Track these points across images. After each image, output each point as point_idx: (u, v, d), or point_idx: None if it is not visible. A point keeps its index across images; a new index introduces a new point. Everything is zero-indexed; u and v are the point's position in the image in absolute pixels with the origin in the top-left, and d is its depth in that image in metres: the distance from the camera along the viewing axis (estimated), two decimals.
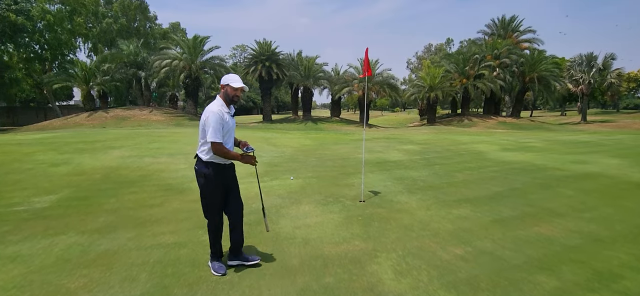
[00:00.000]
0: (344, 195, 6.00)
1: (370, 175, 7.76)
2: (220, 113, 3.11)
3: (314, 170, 8.21)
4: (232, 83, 3.17)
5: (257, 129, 22.88)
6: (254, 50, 34.35)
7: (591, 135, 19.05)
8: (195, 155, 3.26)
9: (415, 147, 12.54)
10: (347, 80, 33.69)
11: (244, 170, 6.82)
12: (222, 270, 3.28)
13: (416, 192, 6.27)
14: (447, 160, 9.77)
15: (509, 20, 38.87)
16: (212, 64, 31.24)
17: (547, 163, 8.88)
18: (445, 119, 35.18)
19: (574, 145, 12.81)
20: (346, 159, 9.85)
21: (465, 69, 33.20)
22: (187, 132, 16.64)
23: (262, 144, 12.29)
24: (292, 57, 36.03)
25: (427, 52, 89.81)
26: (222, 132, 3.09)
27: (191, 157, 9.16)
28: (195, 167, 3.27)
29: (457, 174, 7.77)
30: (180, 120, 26.71)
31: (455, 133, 21.39)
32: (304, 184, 6.82)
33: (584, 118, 44.21)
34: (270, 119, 34.96)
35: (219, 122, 3.06)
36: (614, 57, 44.00)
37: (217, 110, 3.10)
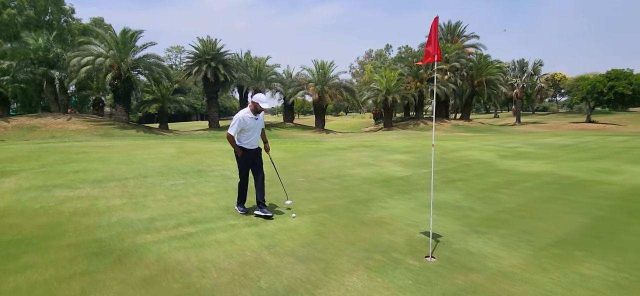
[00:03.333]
0: (393, 247, 3.90)
1: (392, 201, 5.79)
2: (243, 117, 4.71)
3: (314, 198, 5.98)
4: (261, 104, 4.79)
5: (208, 139, 19.72)
6: (197, 49, 30.69)
7: (559, 137, 19.35)
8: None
9: (405, 156, 10.89)
10: (301, 83, 31.64)
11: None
12: (244, 210, 5.06)
13: (485, 231, 4.40)
14: (460, 173, 8.19)
15: (455, 26, 40.12)
16: (147, 63, 26.90)
17: (577, 174, 7.70)
18: (401, 122, 34.88)
19: (564, 149, 12.21)
20: (342, 177, 7.76)
21: (419, 72, 33.16)
22: (120, 145, 13.16)
23: (225, 159, 9.66)
24: (240, 57, 33.01)
25: (368, 57, 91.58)
26: (236, 129, 4.70)
27: (134, 183, 6.38)
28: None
29: (498, 196, 6.12)
30: (109, 130, 22.35)
31: (424, 137, 20.47)
32: (316, 225, 4.58)
33: (518, 120, 47.49)
34: (218, 126, 31.47)
35: (238, 123, 4.68)
36: (542, 63, 47.96)
37: (241, 114, 4.75)
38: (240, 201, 5.09)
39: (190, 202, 5.60)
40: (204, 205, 5.45)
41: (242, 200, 5.09)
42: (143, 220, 4.68)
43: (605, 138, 18.02)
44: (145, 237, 4.11)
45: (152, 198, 5.71)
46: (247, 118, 4.70)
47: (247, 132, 4.78)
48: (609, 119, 47.58)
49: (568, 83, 62.01)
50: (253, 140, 4.89)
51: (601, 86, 41.83)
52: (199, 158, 9.61)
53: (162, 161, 9.07)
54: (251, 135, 4.83)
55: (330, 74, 31.51)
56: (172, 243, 3.95)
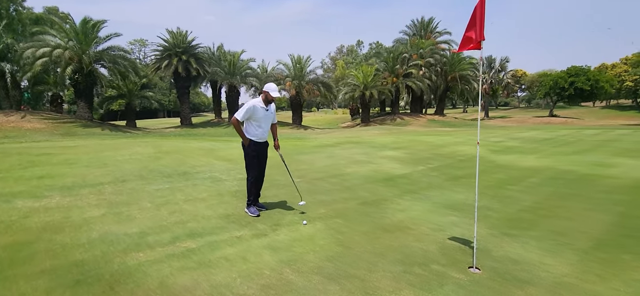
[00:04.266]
0: (429, 256, 3.49)
1: (404, 202, 5.41)
2: (254, 105, 4.49)
3: (319, 201, 5.48)
4: (271, 92, 4.52)
5: (185, 138, 18.62)
6: (166, 42, 29.01)
7: (536, 131, 19.90)
8: None
9: (396, 152, 10.61)
10: (278, 78, 30.81)
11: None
12: (256, 212, 4.62)
13: (516, 233, 4.10)
14: (460, 170, 7.97)
15: (428, 22, 40.71)
16: (112, 56, 25.00)
17: (576, 168, 7.70)
18: (378, 118, 34.96)
19: (546, 143, 12.44)
20: (341, 177, 7.30)
21: (395, 67, 33.30)
22: (87, 145, 11.97)
23: (210, 159, 8.92)
24: (212, 51, 31.62)
25: (339, 53, 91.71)
26: (244, 115, 4.46)
27: (112, 189, 5.56)
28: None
29: (511, 194, 5.91)
30: (70, 128, 20.58)
31: (406, 133, 20.45)
32: (333, 233, 4.09)
33: (487, 115, 49.24)
34: (191, 123, 30.04)
35: (248, 110, 4.45)
36: (508, 60, 50.01)
37: (253, 102, 4.50)
38: (251, 200, 4.73)
39: (182, 210, 4.92)
40: (199, 213, 4.80)
41: (253, 199, 4.74)
42: (131, 234, 3.99)
43: (578, 131, 18.78)
44: (137, 256, 3.45)
45: (137, 207, 4.97)
46: (258, 107, 4.50)
47: (256, 122, 4.57)
48: (567, 113, 50.47)
49: (528, 79, 65.14)
50: (261, 132, 4.66)
51: (562, 82, 44.12)
52: (180, 159, 8.80)
53: (140, 162, 8.19)
54: (260, 126, 4.61)
55: (307, 69, 30.91)
56: (172, 262, 3.32)
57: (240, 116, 4.45)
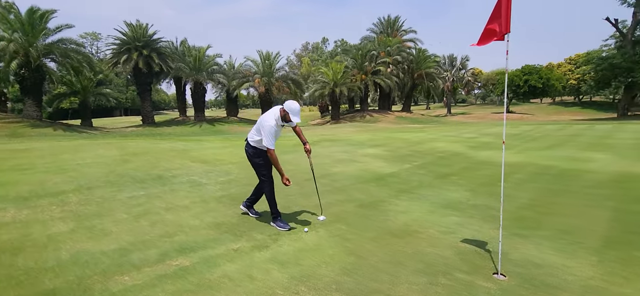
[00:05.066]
0: (449, 264, 3.29)
1: (402, 203, 5.23)
2: (275, 128, 3.97)
3: (315, 204, 5.14)
4: (291, 115, 3.93)
5: (148, 137, 17.47)
6: (125, 35, 27.10)
7: (501, 127, 20.70)
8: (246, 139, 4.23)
9: (377, 150, 10.51)
10: (246, 74, 29.89)
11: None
12: (287, 226, 4.11)
13: (525, 233, 4.02)
14: (445, 167, 7.97)
15: (394, 20, 41.38)
16: (63, 49, 22.90)
17: (555, 163, 7.95)
18: (348, 115, 35.05)
19: (515, 138, 12.91)
20: (329, 177, 7.01)
21: (364, 65, 33.52)
22: (41, 148, 10.75)
23: (184, 161, 8.28)
24: (176, 46, 30.04)
25: (304, 50, 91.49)
26: (274, 139, 3.97)
27: (77, 199, 4.85)
28: (245, 148, 4.24)
29: (501, 190, 5.90)
30: (17, 129, 18.61)
31: (379, 130, 20.56)
32: (340, 241, 3.79)
33: (449, 111, 51.11)
34: (154, 122, 28.36)
35: (274, 135, 3.96)
36: (468, 58, 52.10)
37: (273, 125, 3.93)
38: (275, 213, 4.21)
39: (164, 220, 4.40)
40: (185, 223, 4.31)
41: (276, 212, 4.21)
42: (109, 252, 3.45)
43: (540, 126, 19.82)
44: (122, 280, 2.95)
45: (111, 219, 4.38)
46: (276, 125, 3.99)
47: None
48: (520, 109, 53.55)
49: (484, 78, 68.53)
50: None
51: (518, 80, 46.75)
52: (151, 161, 8.08)
53: (106, 166, 7.41)
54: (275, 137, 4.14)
55: (276, 66, 30.26)
56: (166, 286, 2.87)
57: (272, 143, 3.93)
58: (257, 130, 4.06)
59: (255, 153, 4.14)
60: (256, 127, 4.10)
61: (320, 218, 4.53)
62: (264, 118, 4.00)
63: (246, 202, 4.56)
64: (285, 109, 3.97)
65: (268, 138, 3.90)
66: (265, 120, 3.95)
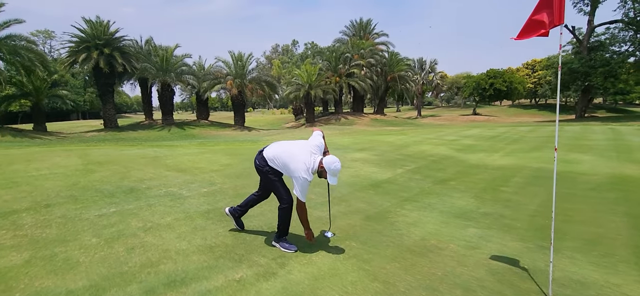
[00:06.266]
0: (489, 287, 2.89)
1: (410, 213, 4.83)
2: (308, 181, 3.34)
3: (318, 218, 4.64)
4: (329, 176, 3.37)
5: (112, 143, 16.14)
6: (83, 32, 25.12)
7: (477, 129, 21.09)
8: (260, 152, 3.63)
9: (364, 154, 10.15)
10: (217, 76, 28.72)
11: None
12: (294, 247, 3.56)
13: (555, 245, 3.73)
14: (440, 172, 7.71)
15: (366, 23, 41.63)
16: (11, 46, 20.73)
17: (547, 166, 7.90)
18: (322, 118, 34.70)
19: (495, 140, 13.05)
20: (323, 184, 6.47)
21: (338, 67, 33.35)
22: None
23: (158, 170, 7.44)
24: (140, 45, 28.32)
25: (274, 52, 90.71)
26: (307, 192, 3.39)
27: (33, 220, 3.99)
28: (257, 162, 3.62)
29: (508, 196, 5.69)
30: None
31: (358, 133, 20.31)
32: (359, 264, 3.31)
33: (420, 113, 52.24)
34: (117, 125, 26.49)
35: (307, 187, 3.36)
36: (437, 62, 53.59)
37: (308, 178, 3.32)
38: (284, 233, 3.66)
39: (144, 244, 3.70)
40: (171, 247, 3.64)
41: (286, 232, 3.67)
42: (78, 292, 2.75)
43: (513, 128, 20.41)
44: None
45: (77, 245, 3.62)
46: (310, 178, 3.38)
47: None
48: (485, 111, 55.82)
49: (449, 81, 70.93)
50: None
51: (484, 83, 48.60)
52: (120, 171, 7.19)
53: (66, 178, 6.45)
54: None
55: (249, 67, 29.35)
56: None
57: (304, 196, 3.38)
58: (283, 165, 3.44)
59: (272, 171, 3.56)
60: (283, 161, 3.43)
61: (328, 234, 4.03)
62: (297, 163, 3.33)
63: (236, 211, 3.99)
64: (325, 167, 3.35)
65: (303, 192, 3.35)
66: (299, 168, 3.31)
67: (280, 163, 3.47)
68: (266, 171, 3.55)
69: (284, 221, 3.58)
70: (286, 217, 3.57)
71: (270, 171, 3.54)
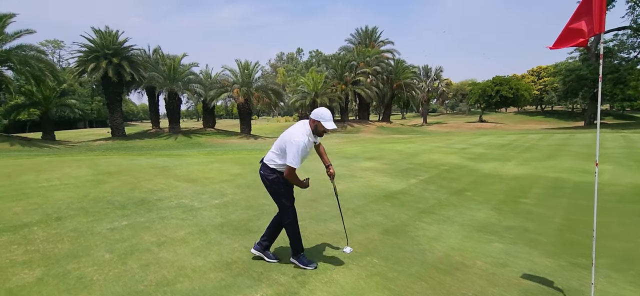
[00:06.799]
0: None
1: (430, 227, 4.67)
2: (306, 144, 3.25)
3: (331, 231, 4.52)
4: (324, 123, 3.27)
5: (120, 152, 16.15)
6: (92, 42, 25.40)
7: (486, 137, 20.87)
8: (261, 161, 3.49)
9: (374, 163, 10.00)
10: (224, 84, 28.82)
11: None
12: (313, 263, 3.45)
13: (585, 263, 3.56)
14: (454, 182, 7.55)
15: (371, 31, 41.69)
16: (23, 57, 21.01)
17: (566, 176, 7.73)
18: None
19: (506, 148, 12.85)
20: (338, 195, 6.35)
21: (344, 75, 33.35)
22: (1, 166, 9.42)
23: (169, 180, 7.36)
24: (148, 54, 28.56)
25: (279, 60, 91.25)
26: (301, 159, 3.23)
27: (44, 234, 3.89)
28: (261, 172, 3.47)
29: (530, 208, 5.51)
30: None
31: (365, 141, 20.19)
32: (384, 283, 3.17)
33: (425, 121, 52.00)
34: (124, 134, 26.62)
35: (303, 152, 3.22)
36: (442, 69, 53.41)
37: (305, 141, 3.23)
38: (299, 248, 3.50)
39: (159, 260, 3.58)
40: (186, 263, 3.52)
41: (300, 246, 3.50)
42: None
43: (523, 136, 20.16)
44: None
45: (91, 261, 3.51)
46: (308, 142, 3.31)
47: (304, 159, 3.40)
48: (490, 118, 55.48)
49: (453, 88, 70.68)
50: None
51: (490, 90, 48.33)
52: (130, 182, 7.11)
53: (77, 189, 6.39)
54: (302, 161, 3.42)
55: (256, 75, 29.43)
56: None
57: (297, 162, 3.22)
58: (281, 149, 3.31)
59: (276, 180, 3.39)
60: (279, 146, 3.35)
61: (346, 250, 3.90)
62: (291, 134, 3.28)
63: (261, 244, 3.62)
64: (315, 118, 3.29)
65: (295, 156, 3.17)
66: (293, 135, 3.24)
67: (279, 156, 3.35)
68: (271, 180, 3.39)
69: (294, 236, 3.46)
70: (293, 231, 3.46)
71: (275, 178, 3.38)
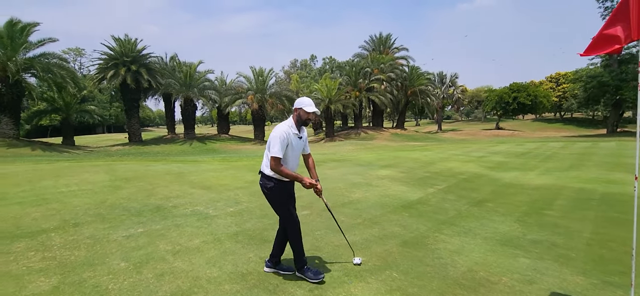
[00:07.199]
0: None
1: (450, 239, 4.48)
2: (287, 133, 3.11)
3: (352, 243, 4.38)
4: (305, 108, 3.17)
5: (137, 157, 16.41)
6: (112, 49, 26.07)
7: (505, 145, 20.40)
8: (260, 171, 3.29)
9: (390, 171, 9.83)
10: (238, 91, 29.10)
11: None
12: (321, 275, 3.27)
13: (620, 281, 3.34)
14: (474, 191, 7.32)
15: (386, 38, 41.53)
16: (46, 64, 21.71)
17: (591, 186, 7.40)
18: (342, 132, 34.49)
19: (525, 157, 12.47)
20: (351, 205, 6.24)
21: (358, 81, 33.24)
22: (17, 173, 9.67)
23: (183, 187, 7.37)
24: (165, 61, 29.11)
25: (293, 67, 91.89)
26: (282, 148, 3.05)
27: (61, 240, 3.89)
28: (260, 182, 3.30)
29: (555, 221, 5.26)
30: None
31: (380, 148, 19.97)
32: None
33: (440, 128, 51.30)
34: (141, 139, 27.11)
35: (283, 141, 3.07)
36: (457, 76, 52.76)
37: (285, 129, 3.11)
38: (303, 261, 3.33)
39: (174, 270, 3.53)
40: (201, 274, 3.45)
41: (304, 259, 3.34)
42: None
43: (543, 144, 19.61)
44: None
45: (106, 270, 3.49)
46: (291, 134, 3.17)
47: (290, 154, 3.23)
48: (508, 125, 54.32)
49: (468, 95, 69.57)
50: (293, 166, 3.33)
51: (507, 97, 47.39)
52: (146, 188, 7.16)
53: (94, 195, 6.46)
54: (293, 159, 3.29)
55: (270, 82, 29.61)
56: None
57: (278, 150, 3.04)
58: (267, 148, 3.18)
59: (273, 188, 3.21)
60: (267, 146, 3.21)
61: (356, 261, 3.73)
62: (276, 127, 3.17)
63: (272, 260, 3.51)
64: (297, 107, 3.19)
65: (275, 145, 3.03)
66: (274, 131, 3.13)
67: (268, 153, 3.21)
68: (269, 188, 3.22)
69: (296, 247, 3.30)
70: (295, 241, 3.30)
71: (272, 187, 3.20)
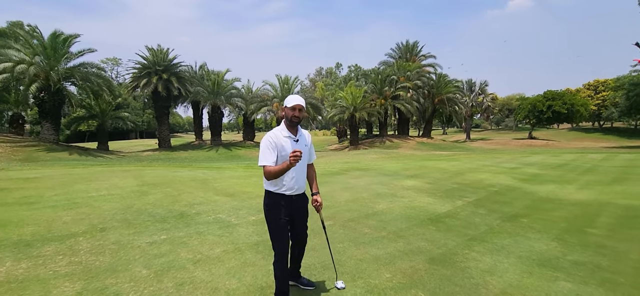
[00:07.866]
0: None
1: (482, 257, 4.19)
2: (273, 136, 2.83)
3: (375, 258, 4.19)
4: (286, 104, 2.89)
5: (165, 163, 16.89)
6: (145, 59, 27.21)
7: (540, 155, 19.46)
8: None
9: (416, 182, 9.52)
10: (264, 99, 29.52)
11: None
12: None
13: None
14: (506, 205, 6.91)
15: (412, 45, 40.93)
16: (84, 73, 22.96)
17: (638, 202, 6.79)
18: (366, 141, 34.13)
19: (563, 169, 11.74)
20: (375, 216, 6.03)
21: (384, 89, 32.86)
22: (53, 176, 10.14)
23: (207, 194, 7.44)
24: (194, 70, 30.02)
25: (318, 75, 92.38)
26: (272, 155, 2.77)
27: (88, 245, 3.96)
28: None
29: (599, 240, 4.84)
30: (32, 153, 18.26)
31: (405, 157, 19.54)
32: None
33: (468, 137, 49.72)
34: (170, 145, 27.99)
35: (267, 146, 2.79)
36: (487, 84, 51.08)
37: (271, 134, 2.84)
38: (284, 293, 2.93)
39: (193, 279, 3.49)
40: (221, 285, 3.38)
41: (284, 291, 2.92)
42: None
43: (581, 155, 18.52)
44: None
45: (128, 277, 3.49)
46: (279, 137, 2.82)
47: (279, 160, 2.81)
48: (541, 135, 51.86)
49: (499, 103, 67.08)
50: (295, 180, 2.88)
51: (541, 105, 45.34)
52: (172, 194, 7.28)
53: (122, 200, 6.62)
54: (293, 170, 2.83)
55: (295, 90, 29.84)
56: None
57: (266, 160, 2.76)
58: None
59: (265, 203, 2.95)
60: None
61: (339, 285, 3.33)
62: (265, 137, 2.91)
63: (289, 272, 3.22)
64: (284, 105, 2.91)
65: (262, 152, 2.77)
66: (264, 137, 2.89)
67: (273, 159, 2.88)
68: (265, 205, 2.95)
69: (277, 278, 2.92)
70: (276, 271, 2.90)
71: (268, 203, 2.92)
